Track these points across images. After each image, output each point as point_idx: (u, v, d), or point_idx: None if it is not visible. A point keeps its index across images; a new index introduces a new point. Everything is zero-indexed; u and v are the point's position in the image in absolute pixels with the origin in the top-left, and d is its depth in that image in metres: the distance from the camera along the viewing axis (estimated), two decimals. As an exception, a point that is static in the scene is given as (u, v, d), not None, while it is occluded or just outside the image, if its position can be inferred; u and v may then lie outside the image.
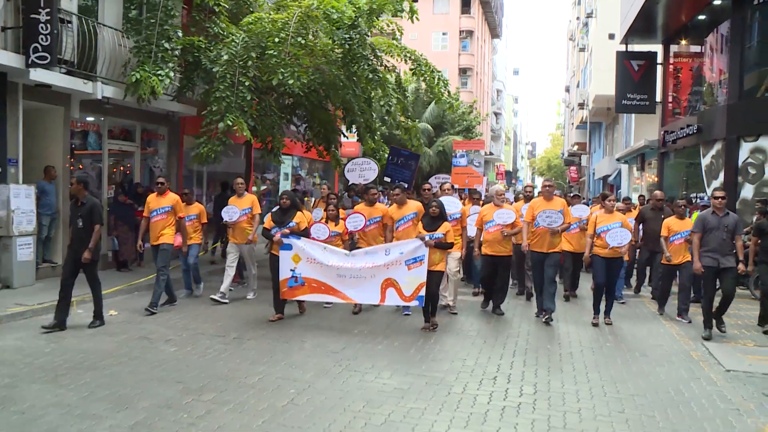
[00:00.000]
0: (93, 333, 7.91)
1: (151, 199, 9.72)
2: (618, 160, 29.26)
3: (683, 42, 19.49)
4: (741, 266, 8.48)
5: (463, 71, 54.17)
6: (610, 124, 34.73)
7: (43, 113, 11.44)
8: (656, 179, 21.37)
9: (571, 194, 13.86)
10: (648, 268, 12.01)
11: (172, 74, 10.67)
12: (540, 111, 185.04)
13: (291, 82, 10.35)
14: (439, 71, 14.50)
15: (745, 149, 14.26)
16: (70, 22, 10.88)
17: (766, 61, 14.44)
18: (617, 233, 8.63)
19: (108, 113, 12.65)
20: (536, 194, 10.99)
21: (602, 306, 9.14)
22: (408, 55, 14.24)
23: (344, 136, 16.36)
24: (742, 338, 8.50)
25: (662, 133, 19.61)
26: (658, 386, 6.14)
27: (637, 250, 11.87)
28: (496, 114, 72.66)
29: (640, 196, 16.95)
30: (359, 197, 12.28)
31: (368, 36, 12.98)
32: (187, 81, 11.69)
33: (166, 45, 10.68)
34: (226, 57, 10.48)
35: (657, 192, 11.65)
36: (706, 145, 15.90)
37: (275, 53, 10.46)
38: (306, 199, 18.04)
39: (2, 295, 9.60)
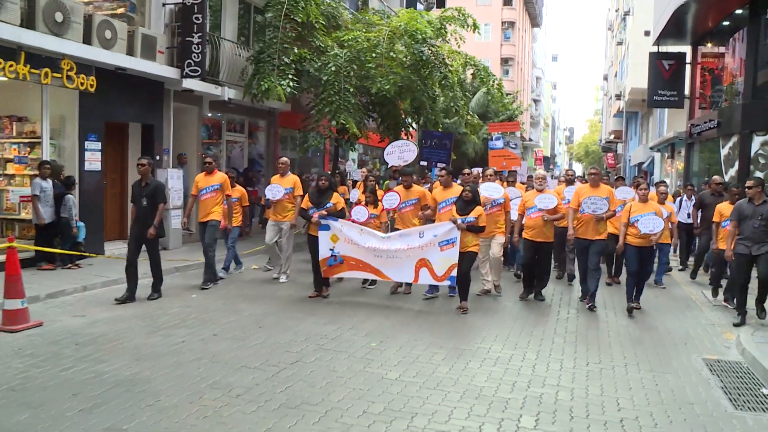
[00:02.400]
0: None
1: (200, 178, 10.15)
2: (651, 148, 31.59)
3: (709, 45, 21.78)
4: None
5: (505, 61, 56.49)
6: (645, 114, 36.84)
7: (182, 112, 14.44)
8: (683, 167, 23.77)
9: (615, 177, 14.08)
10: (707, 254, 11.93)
11: (291, 83, 13.53)
12: (578, 96, 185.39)
13: (387, 87, 13.22)
14: (494, 75, 17.22)
15: (756, 142, 16.64)
16: (208, 40, 13.83)
17: (776, 66, 16.79)
18: (650, 221, 8.61)
19: (226, 110, 15.66)
20: (576, 178, 11.70)
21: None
22: (469, 61, 16.95)
23: (412, 128, 19.15)
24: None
25: (689, 125, 21.99)
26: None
27: (697, 237, 12.38)
28: (535, 101, 74.61)
29: (662, 180, 19.34)
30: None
31: (438, 47, 15.71)
32: (297, 86, 14.49)
33: (285, 59, 13.55)
34: (333, 68, 13.36)
35: (715, 177, 12.24)
36: (725, 138, 18.30)
37: (373, 66, 13.35)
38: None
39: (163, 255, 12.62)
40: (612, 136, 49.26)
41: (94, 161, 11.73)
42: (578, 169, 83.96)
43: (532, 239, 9.48)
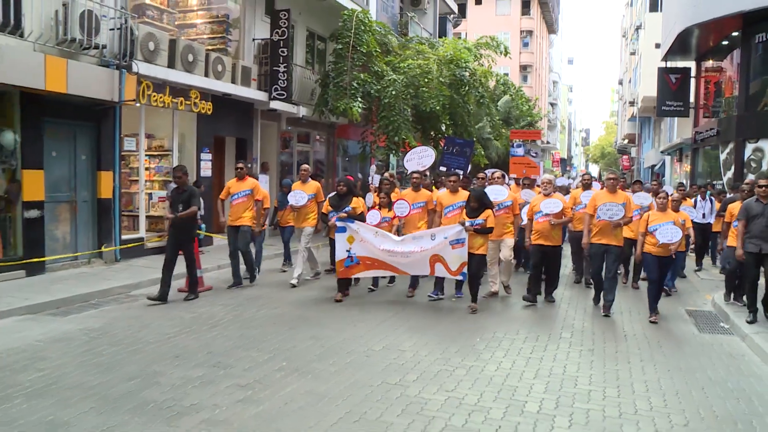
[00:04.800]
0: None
1: (231, 183, 10.58)
2: (662, 152, 34.30)
3: (711, 61, 24.49)
4: None
5: (524, 68, 59.17)
6: (657, 120, 39.40)
7: (265, 127, 17.42)
8: (689, 169, 26.48)
9: (633, 180, 14.13)
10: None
11: (361, 104, 16.50)
12: (594, 97, 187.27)
13: (438, 108, 16.18)
14: (522, 90, 20.17)
15: (749, 148, 19.35)
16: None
17: (764, 83, 19.48)
18: (668, 230, 8.59)
19: (297, 125, 18.64)
20: (593, 181, 11.79)
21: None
22: (499, 79, 19.87)
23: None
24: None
25: (694, 132, 24.73)
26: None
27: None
28: (552, 104, 77.07)
29: (680, 183, 22.01)
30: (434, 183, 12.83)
31: (475, 69, 18.66)
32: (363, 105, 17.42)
33: (355, 84, 16.51)
34: (393, 92, 16.31)
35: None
36: (723, 144, 21.02)
37: (426, 90, 16.31)
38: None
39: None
40: (626, 141, 51.85)
41: (206, 169, 14.73)
42: (594, 170, 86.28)
43: (539, 243, 9.57)
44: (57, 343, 7.05)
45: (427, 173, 13.07)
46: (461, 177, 10.91)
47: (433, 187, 11.50)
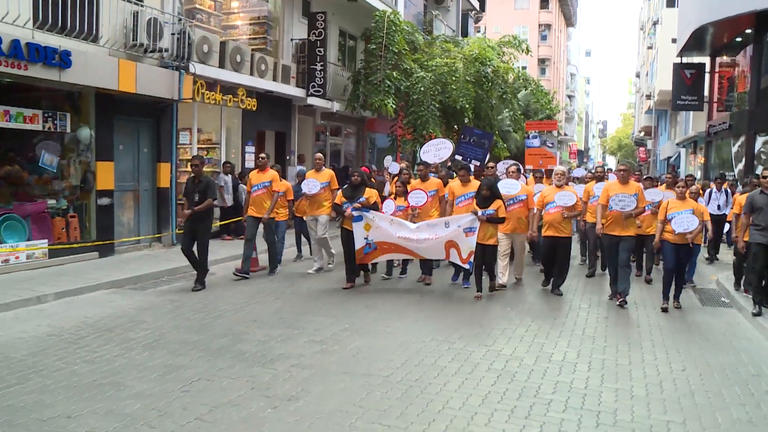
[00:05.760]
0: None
1: (253, 175, 10.71)
2: (678, 144, 35.14)
3: (725, 57, 25.34)
4: None
5: (542, 61, 59.94)
6: (673, 113, 40.24)
7: (302, 122, 18.59)
8: (703, 161, 27.39)
9: (644, 177, 13.48)
10: None
11: (394, 100, 17.64)
12: (611, 89, 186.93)
13: (467, 105, 17.28)
14: (542, 86, 21.21)
15: (759, 141, 20.26)
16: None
17: (776, 79, 20.39)
18: (684, 219, 8.58)
19: (330, 119, 19.80)
20: (608, 171, 11.81)
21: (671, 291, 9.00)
22: (520, 75, 20.91)
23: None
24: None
25: (708, 126, 25.62)
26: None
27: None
28: (569, 96, 77.68)
29: (689, 175, 22.92)
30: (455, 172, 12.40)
31: (498, 67, 19.72)
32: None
33: (389, 82, 17.63)
34: (422, 89, 17.42)
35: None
36: (735, 138, 21.94)
37: (454, 87, 17.41)
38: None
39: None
40: (642, 134, 52.58)
41: (250, 161, 15.91)
42: (611, 162, 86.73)
43: (549, 235, 9.62)
44: (147, 310, 8.28)
45: (443, 165, 13.16)
46: (478, 167, 11.02)
47: (449, 179, 11.20)
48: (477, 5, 32.03)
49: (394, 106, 17.58)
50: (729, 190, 13.93)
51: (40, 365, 5.96)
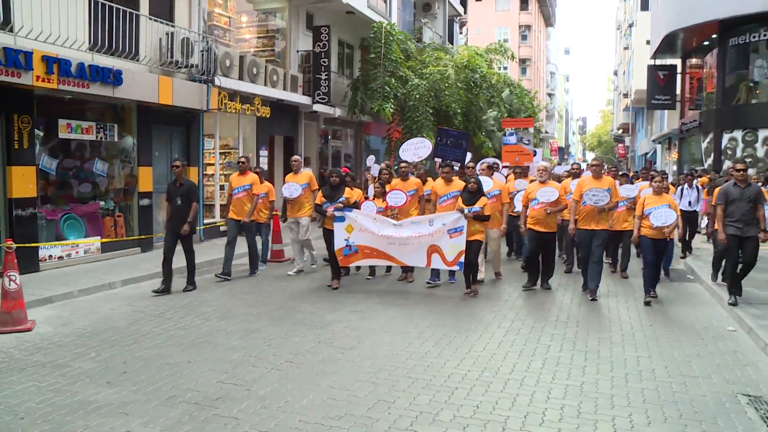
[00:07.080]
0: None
1: (234, 178, 10.93)
2: (654, 141, 37.09)
3: (694, 59, 27.23)
4: (762, 234, 8.66)
5: (523, 61, 61.70)
6: (649, 111, 42.22)
7: (307, 126, 20.12)
8: (677, 157, 29.30)
9: (620, 173, 13.58)
10: None
11: (392, 105, 19.25)
12: (590, 86, 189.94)
13: (459, 110, 18.92)
14: (524, 88, 22.93)
15: (725, 138, 22.12)
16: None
17: (738, 80, 22.18)
18: (662, 213, 8.68)
19: (331, 123, 21.36)
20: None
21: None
22: (507, 81, 22.61)
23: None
24: None
25: (680, 123, 27.52)
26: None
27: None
28: (549, 95, 79.57)
29: (662, 171, 24.63)
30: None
31: (486, 73, 21.40)
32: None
33: (388, 88, 19.21)
34: (417, 96, 19.04)
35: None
36: (704, 135, 23.80)
37: (448, 93, 19.05)
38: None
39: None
40: (620, 131, 54.59)
41: (263, 164, 17.44)
42: (592, 158, 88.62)
43: (535, 230, 9.70)
44: (206, 291, 9.82)
45: (424, 163, 13.63)
46: (458, 168, 11.38)
47: (429, 178, 11.27)
48: (461, 10, 33.71)
49: (392, 110, 19.15)
50: (700, 188, 14.13)
51: (143, 330, 7.50)
